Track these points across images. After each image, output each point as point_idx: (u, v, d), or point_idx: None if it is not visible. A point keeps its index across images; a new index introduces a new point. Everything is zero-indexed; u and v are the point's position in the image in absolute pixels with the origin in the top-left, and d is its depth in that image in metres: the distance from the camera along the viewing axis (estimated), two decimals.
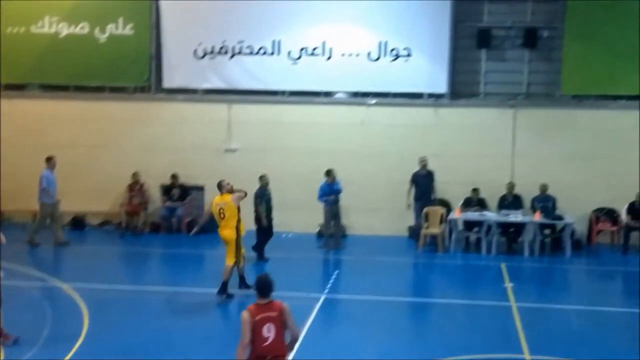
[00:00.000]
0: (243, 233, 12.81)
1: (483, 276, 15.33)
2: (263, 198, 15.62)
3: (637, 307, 12.41)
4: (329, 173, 16.93)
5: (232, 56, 19.10)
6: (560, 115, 18.57)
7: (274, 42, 18.90)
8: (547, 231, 17.55)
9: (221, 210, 12.59)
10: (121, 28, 19.34)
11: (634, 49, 17.79)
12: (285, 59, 18.95)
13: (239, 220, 12.63)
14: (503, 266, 15.64)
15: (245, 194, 13.03)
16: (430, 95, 18.84)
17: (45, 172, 16.95)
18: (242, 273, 12.80)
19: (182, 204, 19.05)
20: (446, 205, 18.13)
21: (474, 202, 17.91)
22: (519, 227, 17.33)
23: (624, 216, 17.57)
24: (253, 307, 7.09)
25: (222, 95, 19.40)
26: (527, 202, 17.92)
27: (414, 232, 17.90)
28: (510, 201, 17.88)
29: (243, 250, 12.87)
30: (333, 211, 17.11)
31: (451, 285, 14.78)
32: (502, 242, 17.53)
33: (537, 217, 16.98)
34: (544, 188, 17.68)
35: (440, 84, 18.63)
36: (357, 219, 18.77)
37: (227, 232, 12.57)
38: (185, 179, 19.27)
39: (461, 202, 17.93)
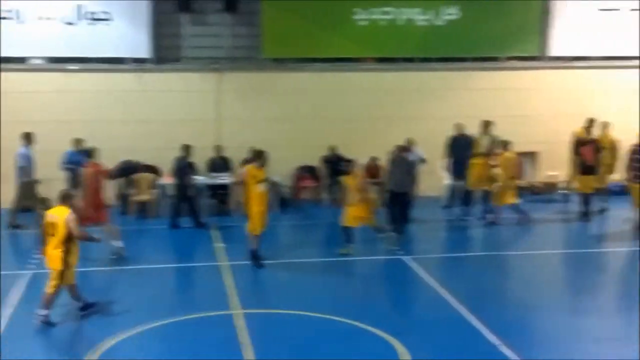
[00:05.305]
0: None
1: (195, 239, 15.50)
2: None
3: (334, 256, 13.64)
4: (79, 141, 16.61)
5: None
6: (263, 79, 19.17)
7: None
8: None
9: None
10: None
11: (326, 14, 18.83)
12: None
13: None
14: (214, 227, 16.00)
15: None
16: (134, 60, 18.51)
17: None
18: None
19: None
20: (155, 171, 18.01)
21: None
22: (228, 188, 17.72)
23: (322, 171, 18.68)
24: None
25: None
26: (235, 164, 18.34)
27: (123, 200, 17.58)
28: (219, 164, 18.22)
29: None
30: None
31: (163, 250, 14.79)
32: (212, 204, 17.86)
33: None
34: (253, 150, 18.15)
35: (142, 49, 18.34)
36: None
37: None
38: None
39: (170, 167, 17.89)
